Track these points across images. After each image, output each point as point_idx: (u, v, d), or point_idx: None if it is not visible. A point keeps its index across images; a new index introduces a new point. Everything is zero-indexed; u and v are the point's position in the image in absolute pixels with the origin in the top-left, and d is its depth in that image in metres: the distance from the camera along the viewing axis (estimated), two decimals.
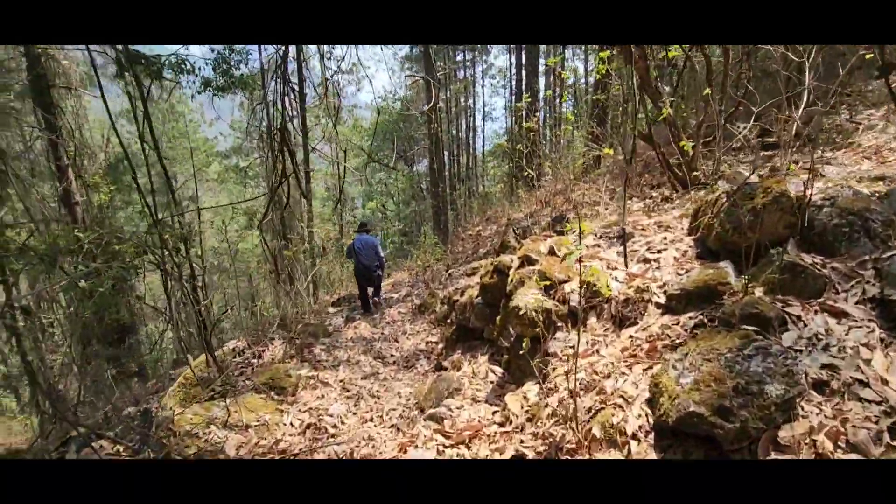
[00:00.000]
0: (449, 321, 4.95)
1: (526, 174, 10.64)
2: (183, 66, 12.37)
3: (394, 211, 22.91)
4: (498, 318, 3.72)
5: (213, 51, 12.97)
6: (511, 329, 3.36)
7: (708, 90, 4.22)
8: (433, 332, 5.64)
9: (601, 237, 3.68)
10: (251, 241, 23.05)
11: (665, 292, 2.77)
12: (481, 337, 4.21)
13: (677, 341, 2.43)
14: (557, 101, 18.53)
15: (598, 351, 2.77)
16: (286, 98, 4.49)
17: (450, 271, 8.01)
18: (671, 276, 2.86)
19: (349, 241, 8.35)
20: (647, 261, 3.10)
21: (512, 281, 3.54)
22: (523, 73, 21.68)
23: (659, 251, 3.14)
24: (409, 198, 21.89)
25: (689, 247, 3.08)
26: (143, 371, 10.53)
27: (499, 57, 24.63)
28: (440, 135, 15.49)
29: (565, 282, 3.16)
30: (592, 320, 2.98)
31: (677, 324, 2.55)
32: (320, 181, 22.90)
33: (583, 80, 20.30)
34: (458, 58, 23.22)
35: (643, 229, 3.54)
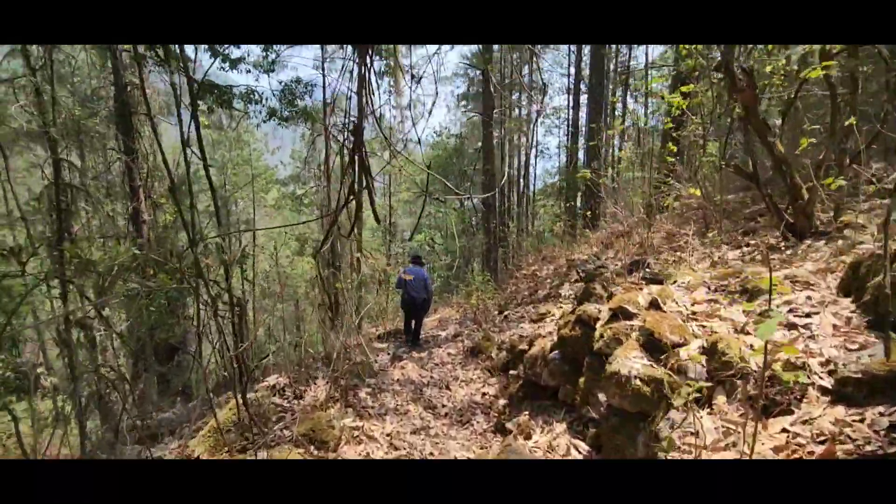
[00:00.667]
0: (513, 373, 4.29)
1: (587, 213, 9.95)
2: (252, 96, 12.66)
3: (442, 245, 22.54)
4: (581, 380, 3.04)
5: (280, 83, 13.27)
6: (604, 397, 2.68)
7: (853, 119, 3.49)
8: (489, 382, 4.97)
9: (716, 290, 2.97)
10: (301, 268, 23.26)
11: (831, 373, 2.05)
12: (554, 397, 3.53)
13: (867, 448, 1.70)
14: (617, 142, 17.82)
15: (734, 444, 2.06)
16: (363, 92, 3.99)
17: (505, 313, 7.35)
18: (836, 350, 2.13)
19: (398, 272, 8.12)
20: (792, 326, 2.38)
21: (602, 337, 2.88)
22: (581, 112, 21.23)
23: (807, 315, 2.42)
24: (458, 232, 21.50)
25: (852, 312, 2.34)
26: (187, 390, 10.32)
27: (554, 98, 24.34)
28: (494, 172, 15.09)
29: (680, 345, 2.48)
30: (721, 399, 2.26)
31: (861, 421, 1.82)
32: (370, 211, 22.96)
33: (642, 123, 19.56)
34: (514, 97, 23.09)
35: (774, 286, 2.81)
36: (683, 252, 5.53)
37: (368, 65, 3.56)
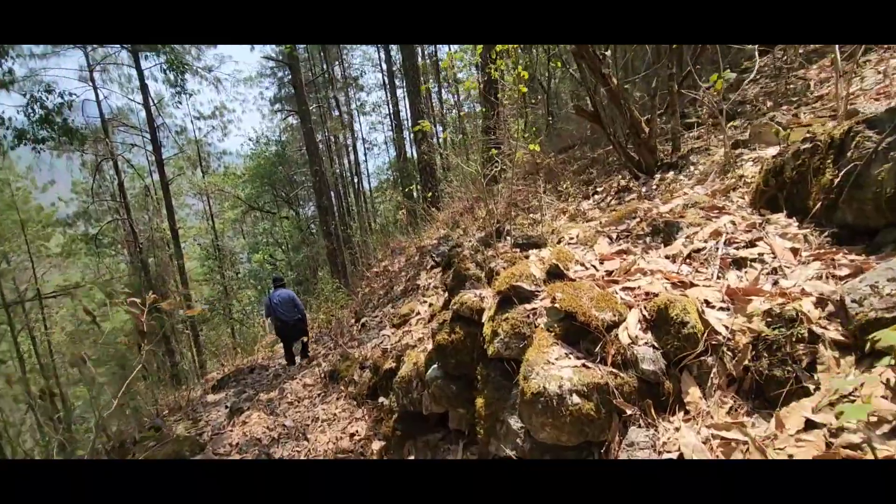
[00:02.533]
0: (384, 402, 3.15)
1: (429, 195, 9.20)
2: None
3: (283, 260, 20.15)
4: (480, 402, 2.04)
5: (24, 95, 9.86)
6: (518, 423, 1.72)
7: None
8: (356, 416, 3.76)
9: (618, 238, 2.22)
10: (120, 318, 18.92)
11: (832, 317, 1.34)
12: (444, 426, 2.49)
13: None
14: (439, 128, 17.60)
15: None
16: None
17: (362, 320, 6.15)
18: (822, 283, 1.44)
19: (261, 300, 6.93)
20: (741, 263, 1.68)
21: (496, 336, 1.91)
22: (401, 105, 20.64)
23: (750, 244, 1.74)
24: (298, 243, 19.36)
25: (800, 229, 1.72)
26: None
27: (371, 93, 23.39)
28: (324, 171, 13.59)
29: (614, 325, 1.60)
30: (694, 393, 1.44)
31: None
32: (192, 239, 19.47)
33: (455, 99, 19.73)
34: (330, 96, 21.55)
35: (678, 217, 2.14)
36: (536, 213, 4.99)
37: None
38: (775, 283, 1.53)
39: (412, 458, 2.50)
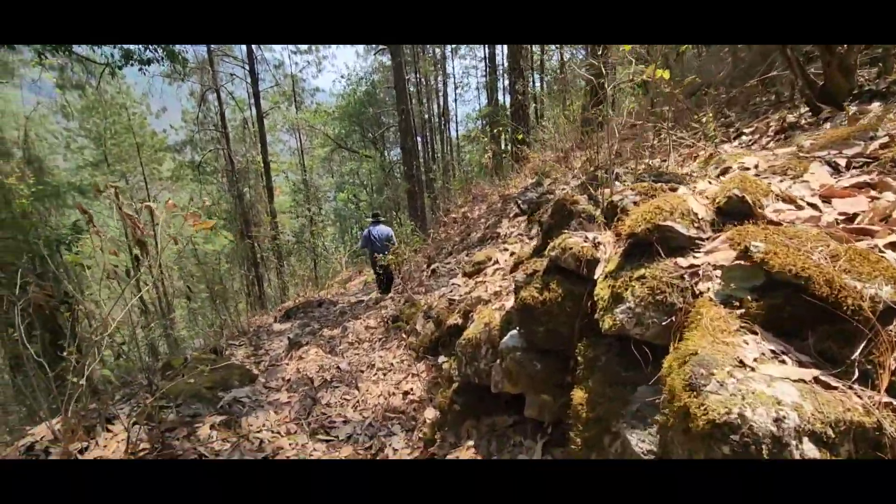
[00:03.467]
0: (443, 362, 2.58)
1: (520, 136, 8.26)
2: None
3: (366, 200, 20.29)
4: (578, 394, 1.36)
5: None
6: (643, 445, 1.01)
7: None
8: (414, 371, 3.26)
9: (850, 166, 1.34)
10: (219, 242, 20.33)
11: None
12: (516, 411, 1.86)
13: None
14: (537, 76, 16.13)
15: None
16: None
17: (433, 266, 5.62)
18: None
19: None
20: None
21: (618, 302, 1.18)
22: (497, 49, 19.20)
23: None
24: (381, 184, 19.29)
25: None
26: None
27: None
28: (410, 111, 12.98)
29: (893, 311, 0.81)
30: None
31: None
32: (283, 173, 20.11)
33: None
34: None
35: None
36: (653, 157, 4.00)
37: None
38: None
39: (471, 442, 1.91)
